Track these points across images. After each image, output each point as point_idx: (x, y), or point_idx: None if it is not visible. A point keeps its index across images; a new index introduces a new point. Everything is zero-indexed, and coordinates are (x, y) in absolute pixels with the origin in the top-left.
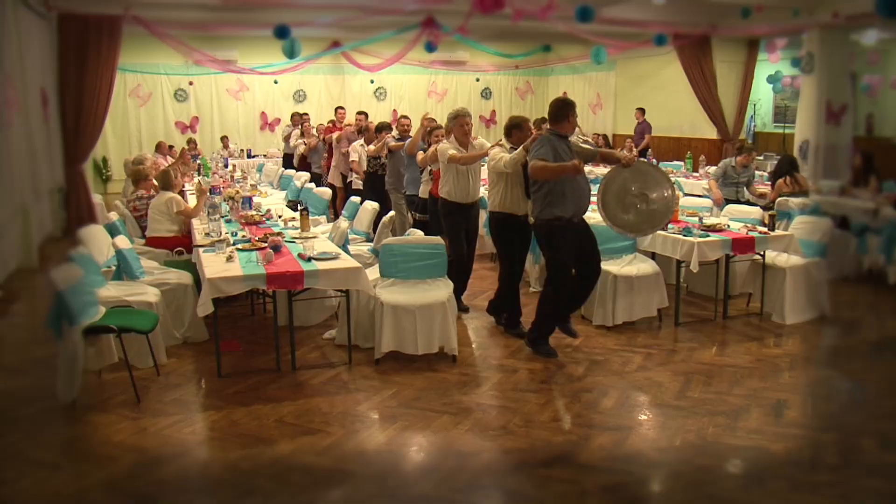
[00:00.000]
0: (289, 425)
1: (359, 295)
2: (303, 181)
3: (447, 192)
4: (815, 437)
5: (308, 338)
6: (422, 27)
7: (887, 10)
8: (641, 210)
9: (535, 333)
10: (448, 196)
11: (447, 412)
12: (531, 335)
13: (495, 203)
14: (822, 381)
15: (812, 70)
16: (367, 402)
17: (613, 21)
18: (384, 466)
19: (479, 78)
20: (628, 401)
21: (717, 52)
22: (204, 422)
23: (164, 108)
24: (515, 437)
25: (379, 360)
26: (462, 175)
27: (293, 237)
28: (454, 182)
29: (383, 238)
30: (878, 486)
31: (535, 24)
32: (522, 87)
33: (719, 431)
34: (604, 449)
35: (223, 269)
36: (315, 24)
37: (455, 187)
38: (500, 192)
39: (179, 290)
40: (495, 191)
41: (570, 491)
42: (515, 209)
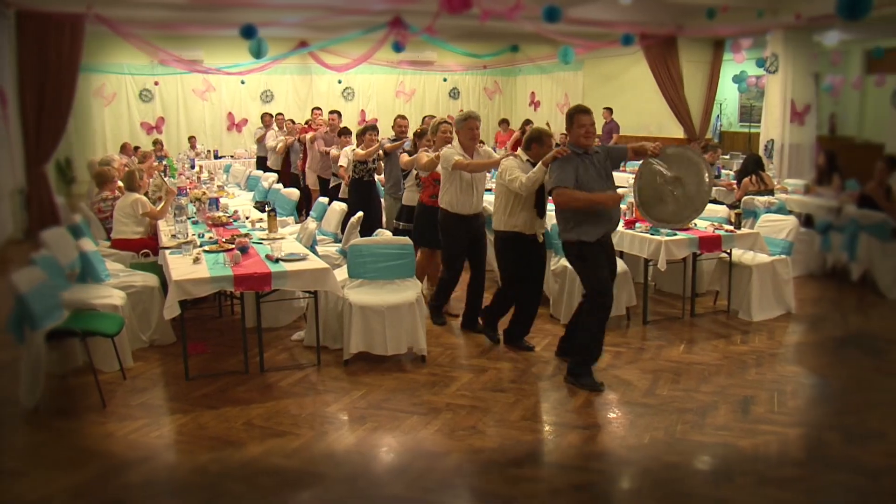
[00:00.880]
0: (257, 427)
1: (327, 296)
2: (270, 182)
3: (448, 202)
4: (782, 433)
5: (276, 339)
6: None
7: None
8: (678, 197)
9: (578, 364)
10: (449, 207)
11: (417, 412)
12: (574, 367)
13: (502, 221)
14: (789, 378)
15: (776, 70)
16: (337, 403)
17: (580, 21)
18: (354, 468)
19: (446, 78)
20: (597, 399)
21: (684, 52)
22: (171, 425)
23: (129, 109)
24: (485, 436)
25: (348, 361)
26: (466, 183)
27: (261, 238)
28: (457, 191)
29: (351, 239)
30: (844, 479)
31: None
32: (490, 87)
33: (687, 428)
34: (574, 447)
35: (190, 270)
36: (282, 23)
37: (458, 197)
38: (508, 210)
39: (145, 292)
40: (503, 208)
41: (541, 490)
42: (525, 229)
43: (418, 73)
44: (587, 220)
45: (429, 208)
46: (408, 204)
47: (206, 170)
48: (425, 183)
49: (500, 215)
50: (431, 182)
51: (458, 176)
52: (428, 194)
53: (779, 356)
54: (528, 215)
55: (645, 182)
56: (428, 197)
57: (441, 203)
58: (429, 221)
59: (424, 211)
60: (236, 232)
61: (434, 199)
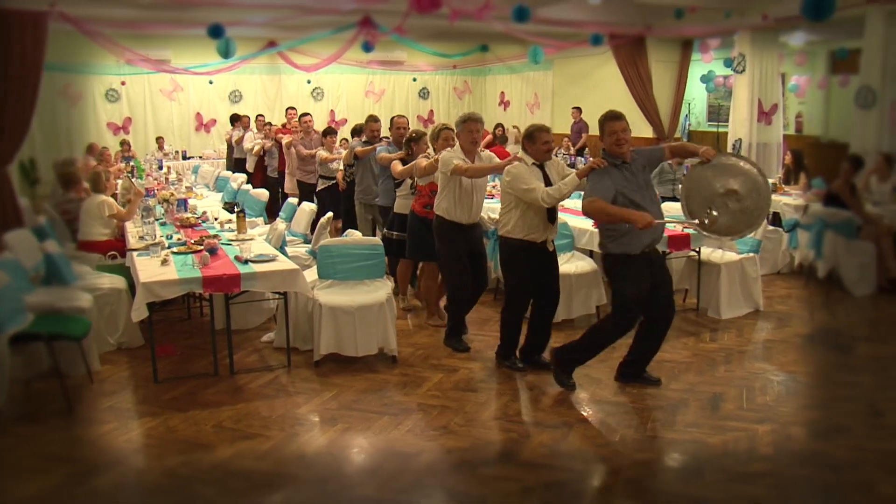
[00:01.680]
0: (227, 430)
1: (297, 297)
2: (239, 183)
3: (445, 209)
4: (751, 429)
5: (246, 341)
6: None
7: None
8: (734, 209)
9: (568, 362)
10: (446, 214)
11: (388, 413)
12: (565, 356)
13: (509, 228)
14: (757, 374)
15: (744, 70)
16: (307, 404)
17: (550, 21)
18: (325, 469)
19: (416, 78)
20: (568, 398)
21: (652, 52)
22: (140, 429)
23: (94, 109)
24: (457, 436)
25: (318, 363)
26: (466, 190)
27: (230, 239)
28: (455, 198)
29: (321, 239)
30: (810, 474)
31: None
32: (460, 86)
33: (658, 426)
34: (545, 446)
35: (158, 272)
36: (250, 23)
37: (456, 204)
38: (516, 216)
39: (113, 294)
40: (511, 214)
41: (513, 489)
42: (535, 236)
43: (388, 73)
44: (632, 230)
45: (420, 219)
46: (400, 212)
47: (174, 171)
48: (422, 191)
49: (508, 221)
50: (428, 191)
51: (457, 181)
52: (422, 203)
53: (747, 353)
54: (540, 221)
55: (693, 189)
56: (421, 206)
57: (437, 210)
58: (422, 233)
59: (416, 221)
60: (205, 233)
61: (428, 209)
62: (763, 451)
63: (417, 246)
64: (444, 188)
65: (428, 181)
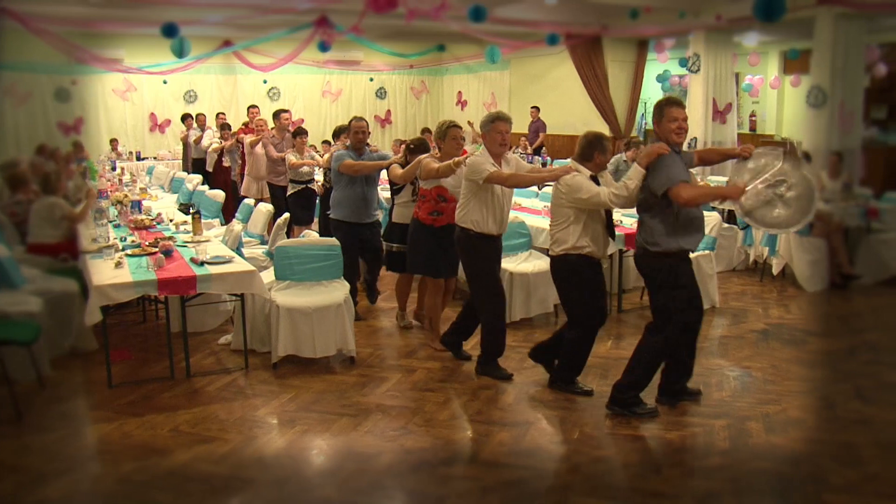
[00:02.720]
0: (184, 434)
1: (254, 298)
2: (195, 184)
3: (475, 220)
4: (708, 424)
5: (203, 344)
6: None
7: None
8: (787, 199)
9: (628, 392)
10: (475, 226)
11: (347, 414)
12: (622, 395)
13: (569, 243)
14: (713, 370)
15: (698, 70)
16: (266, 407)
17: (506, 21)
18: (284, 471)
19: (372, 78)
20: (527, 396)
21: (608, 51)
22: (93, 435)
23: (44, 109)
24: (416, 436)
25: (276, 365)
26: (497, 198)
27: (185, 241)
28: (485, 208)
29: (278, 240)
30: (766, 467)
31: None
32: (417, 86)
33: (616, 423)
34: (504, 445)
35: (112, 275)
36: (205, 22)
37: (486, 215)
38: (578, 230)
39: (65, 298)
40: (570, 229)
41: (472, 488)
42: (596, 251)
43: (345, 73)
44: (692, 225)
45: (425, 228)
46: (400, 222)
47: (128, 172)
48: (427, 196)
49: (567, 238)
50: (434, 196)
51: (490, 190)
52: (427, 210)
53: (704, 349)
54: (600, 234)
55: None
56: (426, 213)
57: (462, 222)
58: (426, 243)
59: (420, 231)
60: (160, 235)
61: (434, 216)
62: (720, 445)
63: (421, 258)
64: (472, 197)
65: (433, 185)
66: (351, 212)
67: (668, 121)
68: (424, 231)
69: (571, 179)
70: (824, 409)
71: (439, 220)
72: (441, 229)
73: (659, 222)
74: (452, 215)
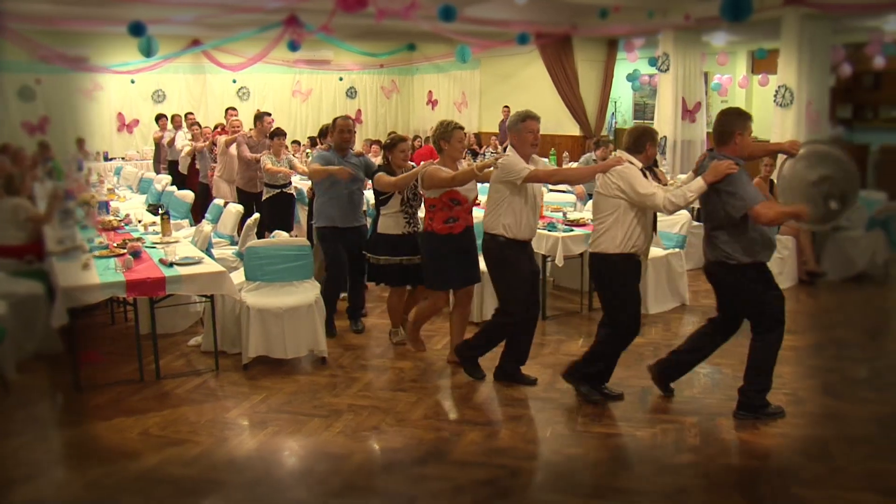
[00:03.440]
0: (154, 437)
1: (224, 300)
2: (163, 184)
3: (507, 225)
4: (679, 421)
5: (173, 345)
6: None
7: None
8: (833, 192)
9: (757, 397)
10: (507, 231)
11: (318, 415)
12: (752, 401)
13: (616, 243)
14: None
15: (668, 69)
16: (237, 408)
17: (476, 20)
18: (255, 473)
19: (342, 77)
20: (498, 395)
21: (578, 51)
22: (60, 439)
23: (7, 108)
24: (388, 436)
25: (247, 366)
26: (530, 200)
27: (154, 242)
28: (518, 211)
29: (248, 240)
30: (735, 462)
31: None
32: (388, 86)
33: (588, 421)
34: (476, 444)
35: (79, 277)
36: (173, 21)
37: (519, 218)
38: (626, 226)
39: (30, 300)
40: (618, 225)
41: (445, 488)
42: (641, 249)
43: (315, 73)
44: (767, 237)
45: (442, 238)
46: (386, 233)
47: (95, 172)
48: (437, 204)
49: (616, 234)
50: (446, 202)
51: (524, 191)
52: (443, 217)
53: (674, 347)
54: (647, 233)
55: (788, 185)
56: (442, 223)
57: (492, 228)
58: (448, 255)
59: (439, 242)
60: (128, 236)
61: (451, 223)
62: (690, 442)
63: (452, 274)
64: (504, 200)
65: (443, 190)
66: (337, 215)
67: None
68: (444, 242)
69: (626, 170)
70: (793, 405)
71: (457, 227)
72: (460, 236)
73: (735, 239)
74: (469, 217)
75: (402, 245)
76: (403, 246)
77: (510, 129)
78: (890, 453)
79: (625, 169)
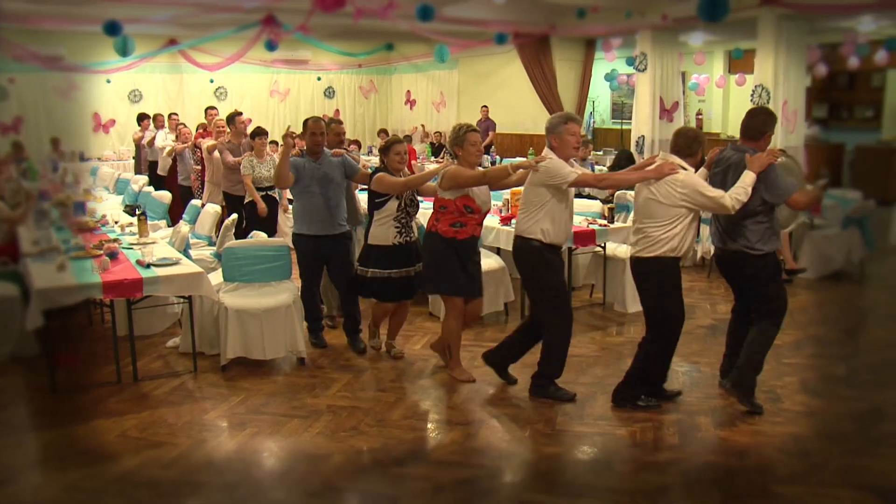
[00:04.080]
0: (132, 439)
1: (202, 300)
2: (140, 185)
3: (545, 230)
4: (658, 419)
5: (150, 347)
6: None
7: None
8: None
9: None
10: (545, 236)
11: (297, 416)
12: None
13: (672, 245)
14: None
15: (645, 69)
16: (215, 410)
17: (454, 20)
18: (235, 475)
19: (321, 77)
20: (478, 395)
21: (557, 51)
22: (36, 443)
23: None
24: (368, 436)
25: (225, 367)
26: (567, 207)
27: (131, 243)
28: (558, 216)
29: (226, 241)
30: (714, 460)
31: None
32: (366, 85)
33: (567, 419)
34: (456, 444)
35: (54, 278)
36: (149, 20)
37: (557, 223)
38: (682, 230)
39: (4, 303)
40: (677, 230)
41: (425, 487)
42: (685, 250)
43: (293, 73)
44: (777, 226)
45: (447, 242)
46: (377, 244)
47: (70, 172)
48: (448, 207)
49: (672, 237)
50: (460, 207)
51: (564, 195)
52: (450, 221)
53: None
54: (693, 235)
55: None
56: (448, 226)
57: (529, 233)
58: (451, 260)
59: (443, 246)
60: (105, 237)
61: (457, 227)
62: (669, 440)
63: (446, 276)
64: (543, 205)
65: (459, 194)
66: (311, 222)
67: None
68: (446, 244)
69: (688, 178)
70: (771, 402)
71: (462, 232)
72: (462, 242)
73: (760, 228)
74: (475, 227)
75: (393, 256)
76: (395, 257)
77: (550, 131)
78: (867, 450)
79: (686, 177)
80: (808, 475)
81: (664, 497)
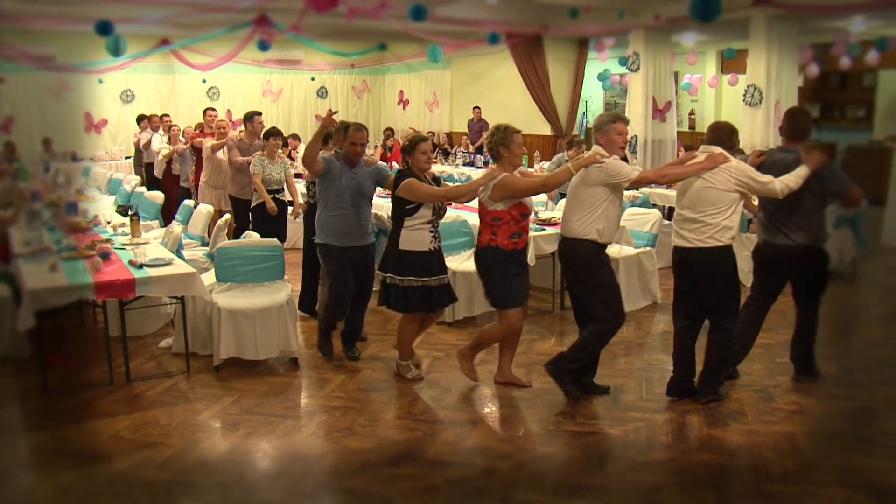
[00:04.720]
0: (125, 440)
1: (195, 301)
2: (133, 185)
3: (601, 230)
4: (650, 419)
5: (143, 347)
6: (255, 25)
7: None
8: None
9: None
10: (600, 237)
11: (291, 416)
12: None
13: (730, 235)
14: (656, 365)
15: (638, 69)
16: (208, 410)
17: (447, 20)
18: (228, 475)
19: (314, 77)
20: (471, 395)
21: (549, 50)
22: (28, 444)
23: None
24: (361, 437)
25: (218, 367)
26: (620, 205)
27: (123, 244)
28: (611, 217)
29: (219, 241)
30: (707, 459)
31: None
32: (359, 85)
33: (560, 419)
34: (449, 443)
35: (46, 279)
36: (141, 20)
37: (611, 222)
38: (738, 217)
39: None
40: (732, 217)
41: (418, 487)
42: (735, 241)
43: (285, 73)
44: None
45: (507, 254)
46: (409, 249)
47: (62, 173)
48: (504, 218)
49: (725, 222)
50: (517, 217)
51: (619, 195)
52: (507, 234)
53: (646, 345)
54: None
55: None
56: (507, 238)
57: (585, 234)
58: (511, 273)
59: (504, 259)
60: (97, 237)
61: (516, 238)
62: (662, 439)
63: (510, 289)
64: (600, 205)
65: (513, 203)
66: (343, 232)
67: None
68: (507, 257)
69: (741, 164)
70: (763, 402)
71: (520, 242)
72: (522, 252)
73: (816, 216)
74: (527, 233)
75: (428, 263)
76: (430, 264)
77: (598, 130)
78: (860, 449)
79: (738, 163)
80: (800, 474)
81: (657, 496)
